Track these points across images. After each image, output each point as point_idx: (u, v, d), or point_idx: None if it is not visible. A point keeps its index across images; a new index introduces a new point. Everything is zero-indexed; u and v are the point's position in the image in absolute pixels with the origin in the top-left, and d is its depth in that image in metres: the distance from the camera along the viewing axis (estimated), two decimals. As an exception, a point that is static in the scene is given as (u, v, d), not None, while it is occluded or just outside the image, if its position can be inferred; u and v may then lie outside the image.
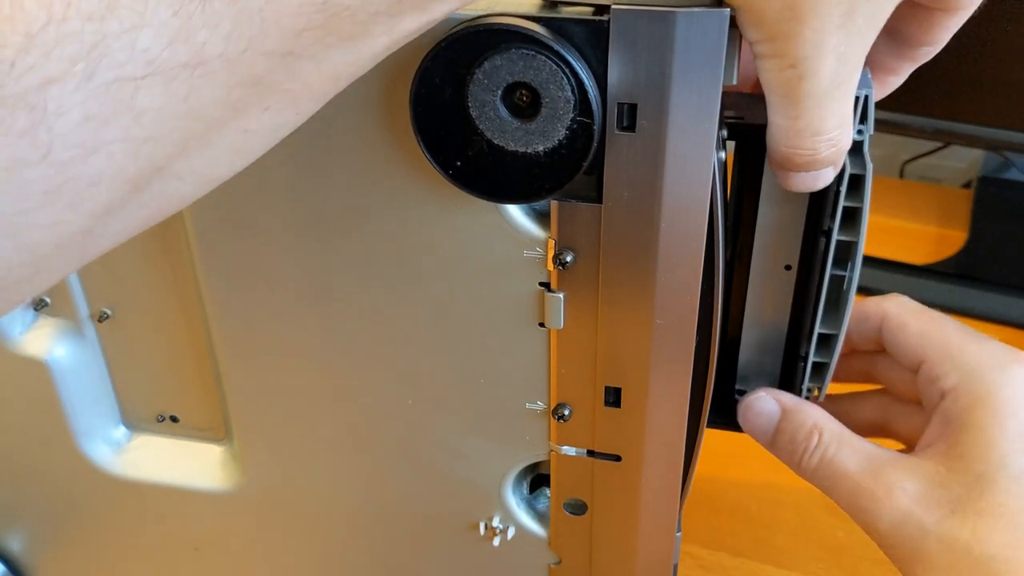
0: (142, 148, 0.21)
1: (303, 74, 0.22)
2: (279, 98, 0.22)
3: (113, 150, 0.20)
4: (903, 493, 0.34)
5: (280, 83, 0.22)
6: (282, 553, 0.42)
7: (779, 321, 0.38)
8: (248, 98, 0.22)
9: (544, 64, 0.25)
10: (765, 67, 0.26)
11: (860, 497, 0.35)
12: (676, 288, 0.30)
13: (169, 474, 0.42)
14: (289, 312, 0.35)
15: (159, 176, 0.22)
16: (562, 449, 0.34)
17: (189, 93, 0.20)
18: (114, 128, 0.20)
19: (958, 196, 0.86)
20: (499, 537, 0.37)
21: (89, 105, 0.19)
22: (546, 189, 0.28)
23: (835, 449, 0.35)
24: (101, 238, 0.22)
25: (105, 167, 0.20)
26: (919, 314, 0.38)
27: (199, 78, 0.20)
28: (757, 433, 0.38)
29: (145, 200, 0.22)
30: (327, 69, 0.22)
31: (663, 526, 0.35)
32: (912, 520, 0.33)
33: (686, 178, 0.27)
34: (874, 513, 0.34)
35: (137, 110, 0.20)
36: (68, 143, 0.20)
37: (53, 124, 0.19)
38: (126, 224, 0.23)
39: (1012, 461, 0.33)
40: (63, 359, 0.39)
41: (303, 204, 0.32)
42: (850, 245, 0.34)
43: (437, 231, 0.31)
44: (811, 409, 0.37)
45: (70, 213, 0.21)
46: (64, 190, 0.20)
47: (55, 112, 0.19)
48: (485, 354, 0.33)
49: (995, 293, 0.73)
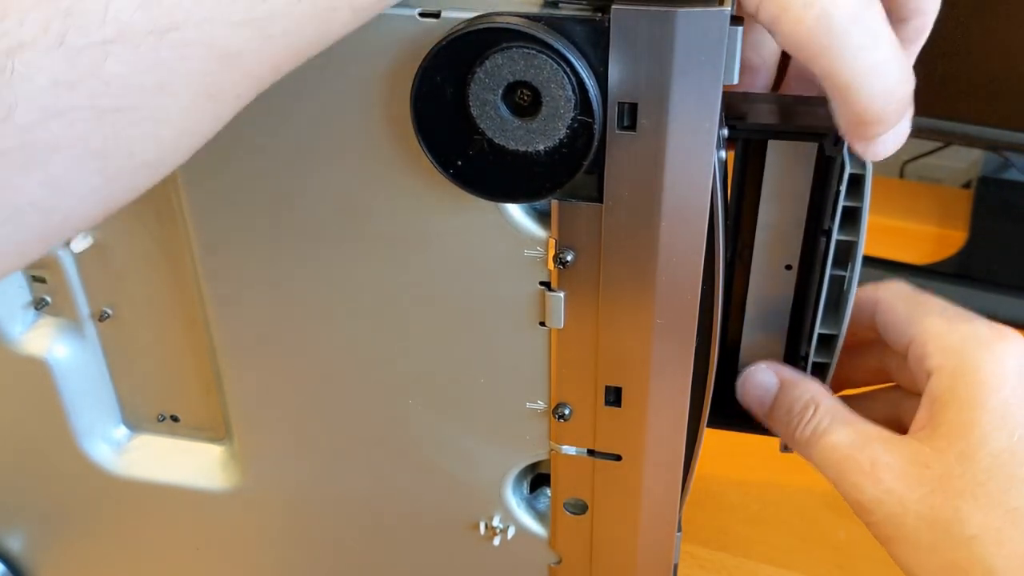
0: (107, 119, 0.20)
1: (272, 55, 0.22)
2: (249, 84, 0.22)
3: (76, 117, 0.20)
4: (887, 469, 0.33)
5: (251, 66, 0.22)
6: (282, 553, 0.42)
7: (779, 321, 0.38)
8: (222, 83, 0.22)
9: (545, 63, 0.25)
10: (785, 25, 0.25)
11: (847, 470, 0.34)
12: (676, 287, 0.30)
13: (169, 474, 0.42)
14: (289, 312, 0.35)
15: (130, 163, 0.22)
16: (562, 448, 0.34)
17: (156, 64, 0.20)
18: (80, 94, 0.20)
19: (958, 196, 0.86)
20: (499, 537, 0.37)
21: (57, 69, 0.19)
22: (547, 188, 0.28)
23: (828, 422, 0.35)
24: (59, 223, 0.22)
25: (64, 134, 0.20)
26: (908, 298, 0.37)
27: (168, 49, 0.20)
28: (754, 404, 0.37)
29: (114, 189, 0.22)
30: (294, 48, 0.22)
31: (663, 526, 0.35)
32: (894, 496, 0.33)
33: (687, 177, 0.27)
34: (860, 487, 0.34)
35: (104, 77, 0.20)
36: (31, 107, 0.19)
37: (18, 87, 0.19)
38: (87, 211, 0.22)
39: (993, 438, 0.32)
40: (63, 358, 0.39)
41: (303, 204, 0.32)
42: (850, 245, 0.34)
43: (437, 230, 0.31)
44: (809, 383, 0.37)
45: (21, 178, 0.20)
46: (18, 153, 0.20)
47: (22, 75, 0.19)
48: (485, 353, 0.33)
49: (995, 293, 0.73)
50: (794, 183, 0.35)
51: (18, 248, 0.22)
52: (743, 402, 0.38)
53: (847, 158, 0.32)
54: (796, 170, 0.35)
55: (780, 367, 0.37)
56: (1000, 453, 0.32)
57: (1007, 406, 0.33)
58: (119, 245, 0.36)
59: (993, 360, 0.33)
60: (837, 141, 0.32)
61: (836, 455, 0.35)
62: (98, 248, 0.37)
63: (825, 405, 0.36)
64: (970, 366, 0.33)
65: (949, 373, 0.34)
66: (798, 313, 0.37)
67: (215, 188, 0.32)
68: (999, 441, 0.32)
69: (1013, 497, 0.32)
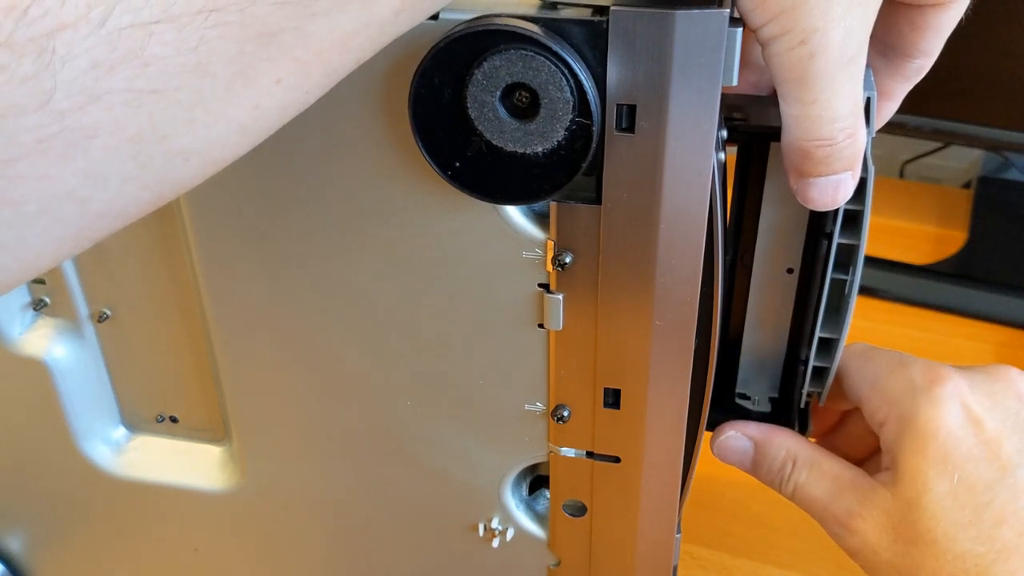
0: (144, 102, 0.20)
1: (314, 38, 0.21)
2: (290, 68, 0.22)
3: (114, 101, 0.20)
4: (859, 519, 0.35)
5: (291, 47, 0.21)
6: (281, 553, 0.42)
7: (780, 324, 0.38)
8: (260, 62, 0.21)
9: (543, 65, 0.25)
10: (774, 50, 0.26)
11: (826, 521, 0.36)
12: (675, 289, 0.29)
13: (168, 474, 0.42)
14: (288, 313, 0.35)
15: (163, 149, 0.21)
16: (561, 450, 0.34)
17: (199, 43, 0.20)
18: (119, 76, 0.19)
19: (958, 196, 0.86)
20: (498, 538, 0.37)
21: (98, 52, 0.19)
22: (545, 190, 0.28)
23: (805, 476, 0.37)
24: (95, 216, 0.21)
25: (103, 119, 0.20)
26: (859, 355, 0.38)
27: (211, 28, 0.20)
28: (738, 465, 0.39)
29: (147, 180, 0.21)
30: (338, 33, 0.22)
31: (663, 527, 0.35)
32: (868, 546, 0.35)
33: (685, 179, 0.27)
34: (839, 536, 0.36)
35: (145, 58, 0.19)
36: (71, 91, 0.19)
37: (59, 71, 0.19)
38: (123, 204, 0.22)
39: (935, 485, 0.34)
40: (62, 359, 0.39)
41: (302, 205, 0.32)
42: (852, 248, 0.34)
43: (436, 232, 0.31)
44: (781, 437, 0.38)
45: (59, 167, 0.20)
46: (57, 141, 0.19)
47: (63, 58, 0.18)
48: (484, 355, 0.33)
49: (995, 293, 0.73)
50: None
51: (57, 243, 0.22)
52: (719, 455, 0.39)
53: None
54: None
55: (747, 426, 0.38)
56: (943, 498, 0.33)
57: (944, 450, 0.34)
58: (118, 246, 0.36)
59: (928, 406, 0.34)
60: None
61: (816, 508, 0.36)
62: (97, 249, 0.36)
63: (802, 457, 0.37)
64: (908, 414, 0.35)
65: (895, 423, 0.35)
66: (799, 316, 0.37)
67: (214, 190, 0.32)
68: (941, 486, 0.33)
69: (958, 543, 0.33)
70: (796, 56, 0.26)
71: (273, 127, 0.23)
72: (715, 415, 0.39)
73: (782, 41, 0.26)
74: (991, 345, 0.70)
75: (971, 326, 0.72)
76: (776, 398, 0.40)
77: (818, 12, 0.25)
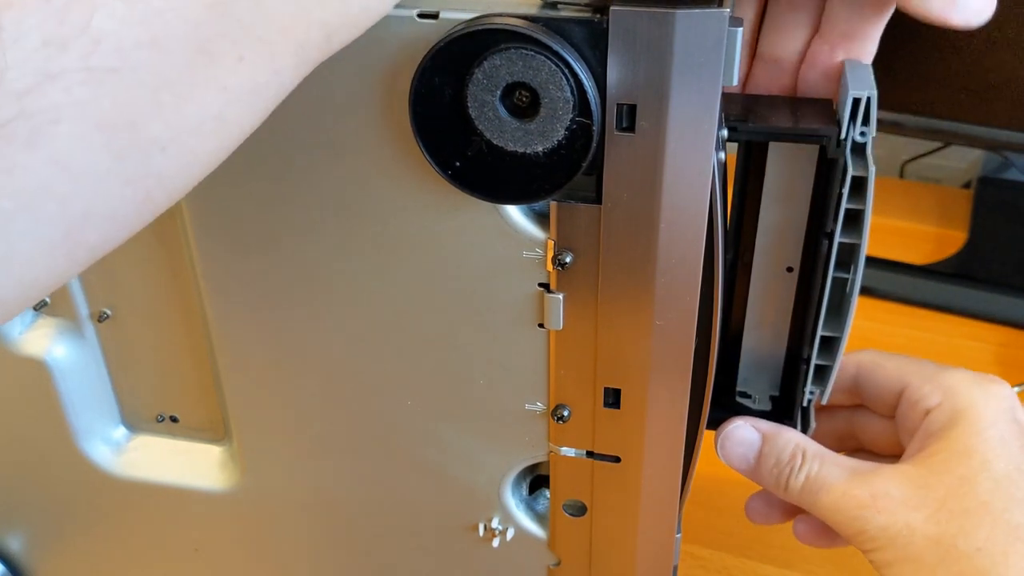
0: (104, 81, 0.20)
1: (269, 9, 0.21)
2: (253, 47, 0.21)
3: (71, 81, 0.19)
4: (887, 497, 0.35)
5: (252, 25, 0.21)
6: (281, 554, 0.42)
7: (781, 323, 0.38)
8: (218, 38, 0.21)
9: (543, 64, 0.25)
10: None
11: (848, 506, 0.36)
12: (676, 289, 0.29)
13: (168, 474, 0.42)
14: (288, 313, 0.35)
15: (135, 137, 0.21)
16: (561, 450, 0.34)
17: (150, 15, 0.20)
18: (72, 55, 0.19)
19: (958, 196, 0.86)
20: (498, 538, 0.37)
21: (47, 27, 0.19)
22: (545, 190, 0.28)
23: (819, 465, 0.37)
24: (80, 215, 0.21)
25: (63, 101, 0.19)
26: (892, 356, 0.40)
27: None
28: (737, 461, 0.39)
29: (128, 173, 0.21)
30: (291, 5, 0.21)
31: (663, 527, 0.35)
32: (900, 521, 0.35)
33: (686, 179, 0.27)
34: (863, 519, 0.35)
35: (94, 33, 0.19)
36: (24, 71, 0.19)
37: (8, 48, 0.18)
38: (109, 202, 0.21)
39: (992, 464, 0.35)
40: (63, 359, 0.39)
41: (302, 205, 0.32)
42: (853, 247, 0.34)
43: (436, 232, 0.31)
44: (790, 433, 0.38)
45: (27, 155, 0.19)
46: (18, 125, 0.19)
47: (13, 37, 0.18)
48: (484, 355, 0.33)
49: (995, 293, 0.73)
50: (796, 185, 0.35)
51: (48, 250, 0.21)
52: (725, 459, 0.39)
53: (849, 160, 0.32)
54: (798, 172, 0.35)
55: (756, 421, 0.39)
56: (1000, 478, 0.34)
57: (1003, 439, 0.35)
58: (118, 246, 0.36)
59: (986, 399, 0.36)
60: (839, 143, 0.32)
61: (835, 493, 0.36)
62: (97, 249, 0.36)
63: (811, 451, 0.37)
64: (968, 402, 0.36)
65: (949, 408, 0.36)
66: (800, 315, 0.37)
67: (213, 189, 0.32)
68: (998, 467, 0.35)
69: (1015, 515, 0.34)
70: None
71: (253, 115, 0.23)
72: (715, 414, 0.39)
73: None
74: (991, 345, 0.70)
75: (971, 326, 0.72)
76: (777, 396, 0.40)
77: None
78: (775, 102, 0.35)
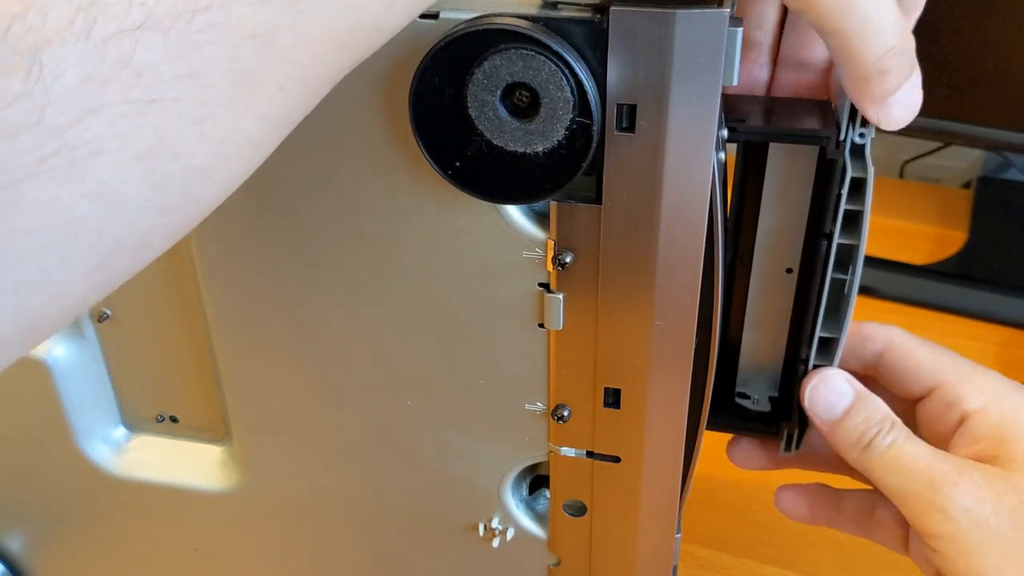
0: (145, 113, 0.19)
1: (308, 37, 0.21)
2: (289, 72, 0.21)
3: (113, 114, 0.19)
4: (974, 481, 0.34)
5: (288, 49, 0.21)
6: (281, 553, 0.42)
7: (780, 324, 0.38)
8: (260, 67, 0.21)
9: (543, 64, 0.25)
10: None
11: (933, 477, 0.35)
12: (676, 289, 0.29)
13: (168, 474, 0.42)
14: (288, 312, 0.35)
15: (178, 167, 0.20)
16: (561, 450, 0.34)
17: (189, 48, 0.20)
18: (113, 88, 0.19)
19: (958, 196, 0.86)
20: (498, 538, 0.37)
21: (88, 64, 0.19)
22: (545, 190, 0.28)
23: (906, 437, 0.36)
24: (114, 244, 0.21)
25: (105, 134, 0.19)
26: (925, 343, 0.39)
27: (199, 32, 0.20)
28: (823, 407, 0.37)
29: (166, 203, 0.21)
30: (330, 30, 0.21)
31: (663, 528, 0.35)
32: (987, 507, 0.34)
33: (686, 179, 0.27)
34: (947, 497, 0.34)
35: (136, 67, 0.19)
36: (65, 107, 0.18)
37: (50, 87, 0.18)
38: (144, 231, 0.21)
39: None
40: (63, 359, 0.39)
41: (302, 204, 0.32)
42: (851, 248, 0.34)
43: (436, 232, 0.31)
44: (880, 401, 0.37)
45: (68, 188, 0.19)
46: (59, 159, 0.19)
47: (53, 73, 0.18)
48: (484, 355, 0.33)
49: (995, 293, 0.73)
50: (795, 186, 0.35)
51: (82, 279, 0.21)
52: (808, 404, 0.37)
53: (848, 161, 0.32)
54: (797, 173, 0.35)
55: (850, 377, 0.37)
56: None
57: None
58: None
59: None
60: (838, 144, 0.32)
61: (919, 464, 0.35)
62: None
63: (899, 422, 0.36)
64: (1010, 405, 0.36)
65: (997, 412, 0.36)
66: (799, 316, 0.37)
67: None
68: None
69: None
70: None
71: (280, 137, 0.23)
72: (714, 415, 0.39)
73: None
74: (991, 345, 0.70)
75: (971, 326, 0.72)
76: (776, 397, 0.40)
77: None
78: (774, 103, 0.35)
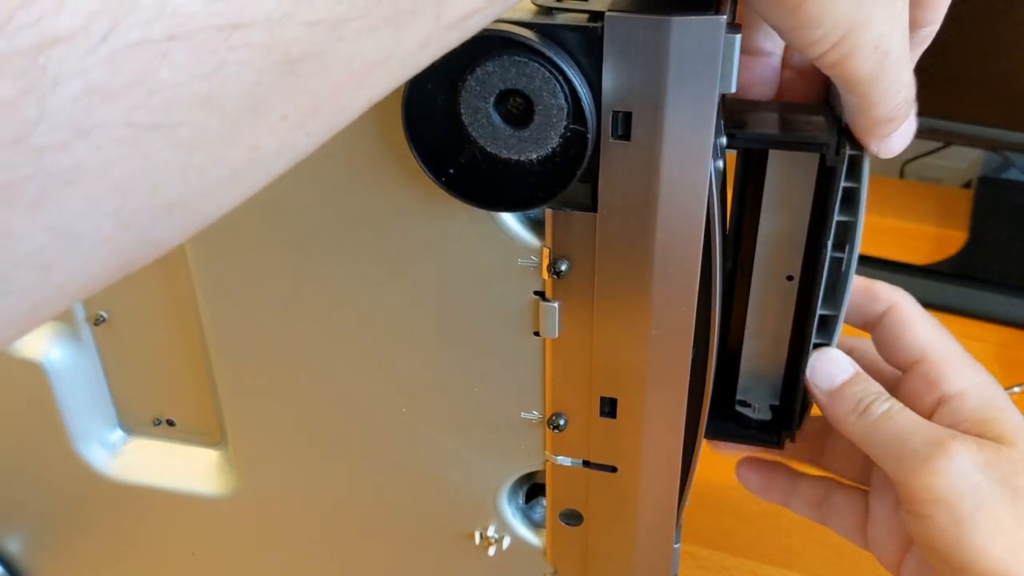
0: (140, 140, 0.16)
1: (334, 67, 0.18)
2: (300, 101, 0.18)
3: (104, 137, 0.16)
4: (967, 445, 0.35)
5: (308, 76, 0.18)
6: (277, 558, 0.42)
7: (781, 332, 0.37)
8: (273, 94, 0.18)
9: (537, 71, 0.25)
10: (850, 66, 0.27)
11: (930, 437, 0.35)
12: (672, 298, 0.29)
13: (165, 478, 0.42)
14: (283, 318, 0.34)
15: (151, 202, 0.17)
16: (557, 459, 0.34)
17: (217, 68, 0.16)
18: (116, 106, 0.16)
19: (958, 196, 0.86)
20: (494, 547, 0.37)
21: (96, 74, 0.15)
22: (540, 198, 0.27)
23: (901, 407, 0.36)
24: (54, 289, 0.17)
25: (88, 161, 0.16)
26: (927, 317, 0.39)
27: (232, 50, 0.16)
28: (822, 377, 0.37)
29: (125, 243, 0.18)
30: (358, 63, 0.19)
31: (660, 537, 0.35)
32: (980, 472, 0.34)
33: (682, 187, 0.27)
34: (945, 457, 0.34)
35: (151, 85, 0.16)
36: (55, 123, 0.15)
37: (48, 97, 0.15)
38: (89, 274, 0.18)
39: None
40: (59, 362, 0.39)
41: (296, 211, 0.32)
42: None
43: (430, 239, 0.31)
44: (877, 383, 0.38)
45: (26, 221, 0.16)
46: (30, 186, 0.15)
47: (54, 79, 0.15)
48: (479, 363, 0.33)
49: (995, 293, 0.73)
50: (796, 193, 0.35)
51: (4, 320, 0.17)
52: (810, 375, 0.38)
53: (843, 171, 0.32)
54: (798, 180, 0.34)
55: (852, 359, 0.38)
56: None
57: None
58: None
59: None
60: (838, 151, 0.32)
61: (913, 427, 0.35)
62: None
63: (894, 399, 0.37)
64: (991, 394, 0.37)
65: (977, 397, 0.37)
66: (799, 324, 0.37)
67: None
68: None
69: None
70: (873, 61, 0.27)
71: (267, 176, 0.20)
72: (714, 423, 0.38)
73: (856, 56, 0.26)
74: (991, 345, 0.70)
75: (971, 326, 0.72)
76: (777, 406, 0.40)
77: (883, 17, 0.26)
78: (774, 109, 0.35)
